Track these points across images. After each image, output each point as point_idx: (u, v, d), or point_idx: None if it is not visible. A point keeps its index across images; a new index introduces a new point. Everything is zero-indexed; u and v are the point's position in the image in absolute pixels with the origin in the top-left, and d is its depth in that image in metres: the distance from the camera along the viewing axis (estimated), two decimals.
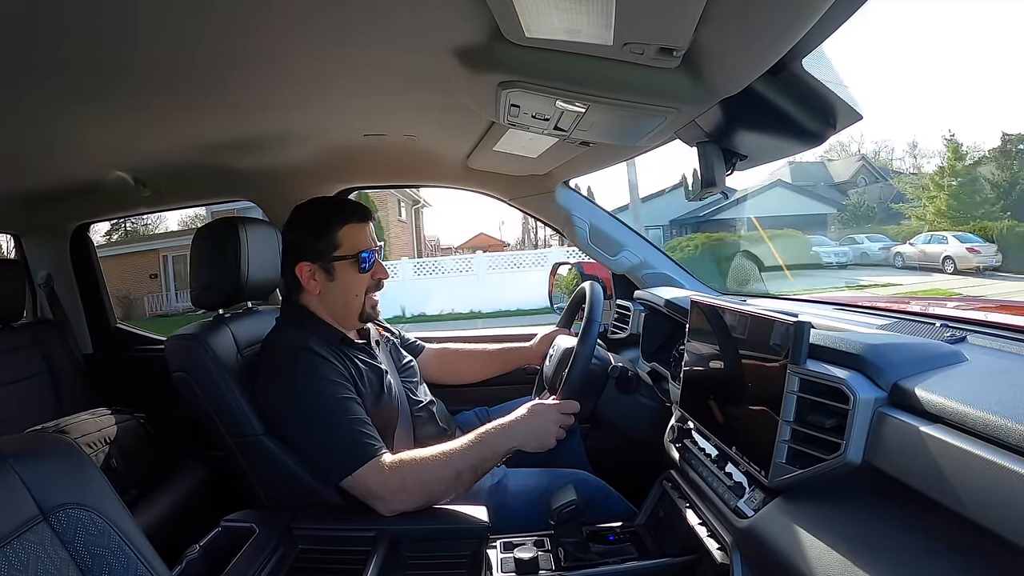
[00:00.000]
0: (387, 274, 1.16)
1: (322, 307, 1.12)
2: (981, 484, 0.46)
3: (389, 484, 0.95)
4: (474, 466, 0.98)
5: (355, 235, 1.10)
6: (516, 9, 0.60)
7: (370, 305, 1.14)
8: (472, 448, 0.98)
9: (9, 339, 1.64)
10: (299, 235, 1.12)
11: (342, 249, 1.09)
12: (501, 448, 1.00)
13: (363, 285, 1.12)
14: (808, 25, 0.57)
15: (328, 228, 1.10)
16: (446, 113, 1.07)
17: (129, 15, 0.64)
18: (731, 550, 0.77)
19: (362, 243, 1.11)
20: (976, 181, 14.04)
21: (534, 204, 1.65)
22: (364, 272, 1.11)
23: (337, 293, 1.11)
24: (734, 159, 1.00)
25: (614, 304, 1.65)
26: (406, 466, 0.96)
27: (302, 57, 0.79)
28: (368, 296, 1.13)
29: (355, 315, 1.13)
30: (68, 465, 0.62)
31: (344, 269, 1.10)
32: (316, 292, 1.11)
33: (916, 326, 0.86)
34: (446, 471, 0.96)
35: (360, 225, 1.12)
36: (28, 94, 0.85)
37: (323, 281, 1.11)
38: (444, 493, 0.97)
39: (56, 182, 1.48)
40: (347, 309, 1.13)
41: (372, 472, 0.95)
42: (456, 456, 0.97)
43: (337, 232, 1.09)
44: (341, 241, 1.09)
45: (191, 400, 1.06)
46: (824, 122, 0.84)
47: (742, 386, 0.80)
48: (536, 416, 1.04)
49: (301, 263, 1.10)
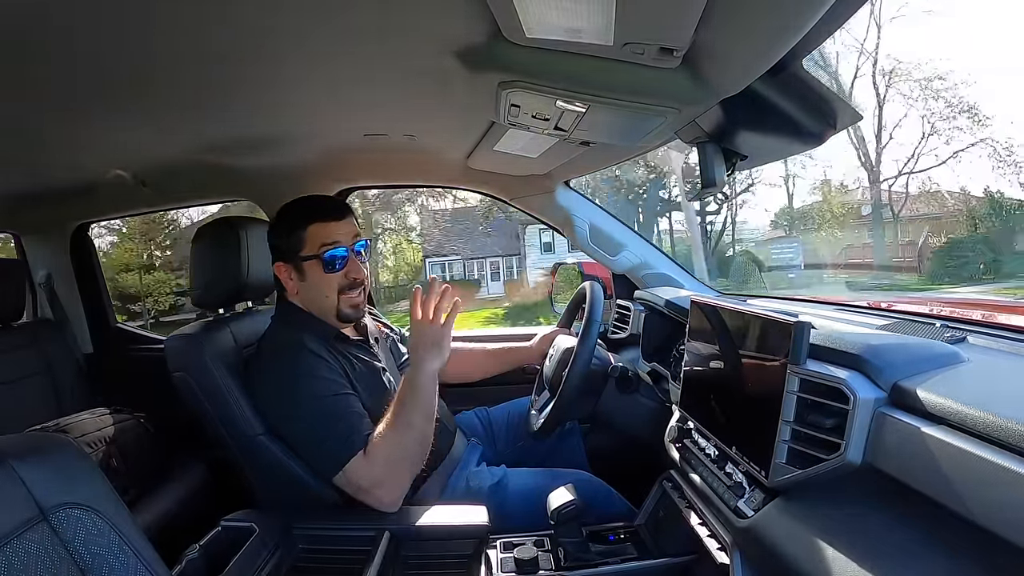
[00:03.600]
0: (361, 273, 1.10)
1: (305, 306, 1.12)
2: (981, 484, 0.46)
3: (374, 475, 0.95)
4: (423, 413, 0.98)
5: (321, 234, 1.07)
6: (516, 9, 0.60)
7: (348, 305, 1.10)
8: (408, 399, 0.98)
9: (9, 339, 1.64)
10: (273, 235, 1.12)
11: (307, 248, 1.07)
12: (427, 383, 0.99)
13: (332, 285, 1.08)
14: (808, 25, 0.57)
15: (295, 227, 1.08)
16: (446, 113, 1.07)
17: (129, 15, 0.64)
18: (731, 550, 0.77)
19: (326, 241, 1.06)
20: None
21: (534, 204, 1.66)
22: (332, 272, 1.07)
23: (311, 293, 1.10)
24: (734, 159, 1.00)
25: (614, 304, 1.65)
26: (378, 453, 0.96)
27: (302, 57, 0.79)
28: (344, 296, 1.09)
29: (332, 315, 1.10)
30: (68, 465, 0.62)
31: (312, 269, 1.08)
32: (295, 292, 1.11)
33: (916, 326, 0.86)
34: (409, 432, 0.97)
35: (327, 223, 1.07)
36: (28, 94, 0.85)
37: (297, 281, 1.10)
38: (420, 451, 0.99)
39: (56, 182, 1.48)
40: (323, 309, 1.10)
41: (358, 467, 0.95)
42: (404, 413, 0.97)
43: (303, 231, 1.07)
44: (306, 240, 1.07)
45: (191, 400, 1.05)
46: (824, 122, 0.84)
47: (742, 386, 0.80)
48: (416, 337, 1.00)
49: (277, 263, 1.10)
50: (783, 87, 0.77)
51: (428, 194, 15.04)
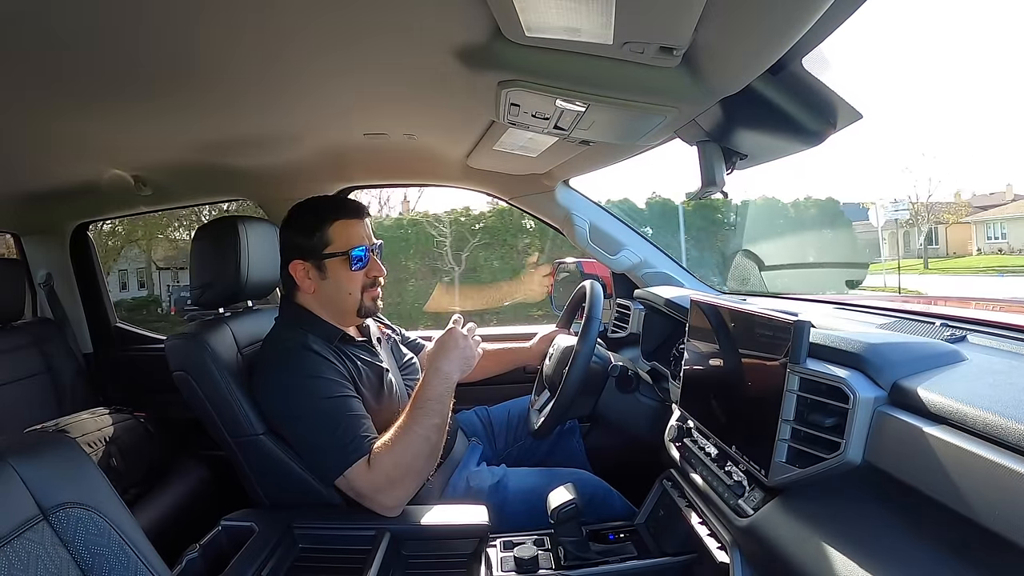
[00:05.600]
0: (382, 271, 1.13)
1: (319, 305, 1.11)
2: (981, 483, 0.46)
3: (375, 482, 0.95)
4: (437, 424, 0.98)
5: (346, 232, 1.08)
6: (516, 8, 0.60)
7: (370, 299, 1.12)
8: (424, 408, 0.99)
9: (9, 339, 1.64)
10: (292, 233, 1.11)
11: (333, 246, 1.08)
12: (446, 393, 1.02)
13: (356, 283, 1.10)
14: (808, 24, 0.57)
15: (319, 225, 1.08)
16: (446, 112, 1.07)
17: (129, 15, 0.64)
18: (731, 549, 0.77)
19: (354, 240, 1.08)
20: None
21: (534, 203, 1.66)
22: (357, 270, 1.09)
23: (331, 291, 1.10)
24: (734, 158, 1.00)
25: (614, 303, 1.65)
26: (384, 458, 0.95)
27: (302, 57, 0.78)
28: (367, 292, 1.11)
29: (352, 312, 1.12)
30: (68, 464, 0.63)
31: (336, 267, 1.09)
32: (311, 291, 1.10)
33: (916, 325, 0.86)
34: (419, 443, 0.96)
35: (352, 222, 1.09)
36: (28, 94, 0.85)
37: (317, 279, 1.10)
38: (428, 464, 0.98)
39: (56, 182, 1.48)
40: (342, 307, 1.11)
41: (359, 473, 0.95)
42: (417, 423, 0.97)
43: (328, 229, 1.08)
44: (332, 238, 1.08)
45: (191, 399, 1.06)
46: (824, 121, 0.84)
47: (742, 385, 0.80)
48: (449, 345, 1.05)
49: (295, 261, 1.10)
50: (783, 86, 0.77)
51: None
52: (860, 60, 1.09)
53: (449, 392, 1.01)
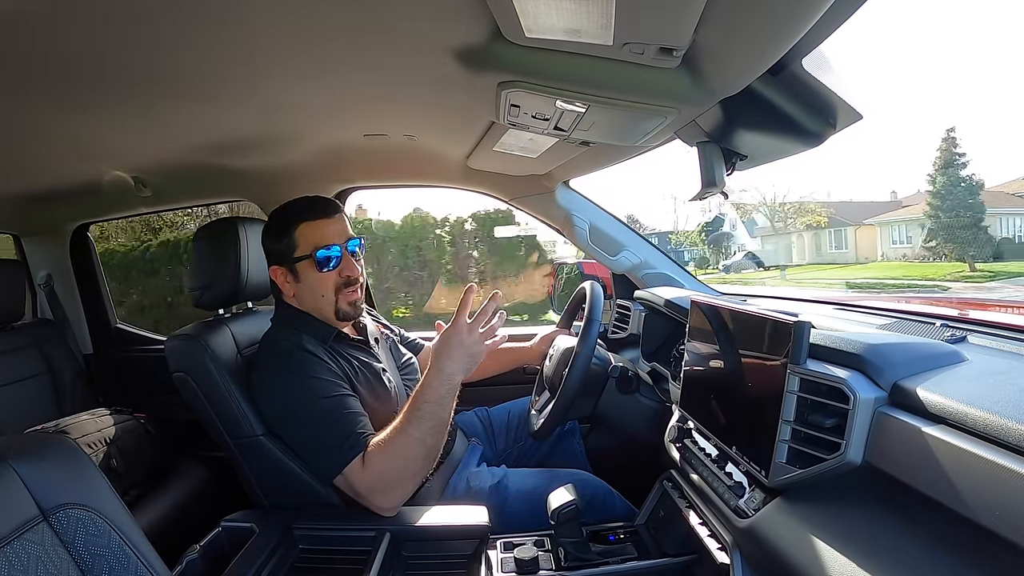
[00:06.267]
0: (356, 271, 1.09)
1: (305, 307, 1.11)
2: (981, 484, 0.46)
3: (370, 481, 0.94)
4: (434, 427, 0.95)
5: (311, 233, 1.06)
6: (516, 9, 0.60)
7: (346, 302, 1.09)
8: (423, 411, 0.94)
9: (9, 339, 1.64)
10: (267, 238, 1.11)
11: (300, 249, 1.06)
12: (447, 395, 0.96)
13: (328, 284, 1.07)
14: (808, 25, 0.57)
15: (287, 229, 1.07)
16: (446, 113, 1.07)
17: (129, 15, 0.64)
18: (731, 550, 0.77)
19: (321, 240, 1.05)
20: None
21: (534, 204, 1.66)
22: (326, 271, 1.06)
23: (306, 295, 1.09)
24: (734, 159, 1.00)
25: (614, 304, 1.65)
26: (378, 460, 0.94)
27: (302, 57, 0.79)
28: (342, 294, 1.08)
29: (331, 315, 1.09)
30: (68, 465, 0.63)
31: (306, 270, 1.07)
32: (291, 295, 1.10)
33: (916, 326, 0.86)
34: (415, 446, 0.94)
35: (317, 223, 1.06)
36: (28, 94, 0.85)
37: (293, 283, 1.09)
38: (424, 466, 0.97)
39: (56, 182, 1.48)
40: (320, 310, 1.09)
41: (355, 473, 0.94)
42: (414, 425, 0.94)
43: (294, 232, 1.06)
44: (298, 241, 1.06)
45: (191, 400, 1.06)
46: (824, 122, 0.84)
47: (742, 386, 0.80)
48: (454, 343, 0.97)
49: (273, 267, 1.10)
50: (783, 87, 0.77)
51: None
52: (855, 61, 1.08)
53: (451, 394, 0.97)
